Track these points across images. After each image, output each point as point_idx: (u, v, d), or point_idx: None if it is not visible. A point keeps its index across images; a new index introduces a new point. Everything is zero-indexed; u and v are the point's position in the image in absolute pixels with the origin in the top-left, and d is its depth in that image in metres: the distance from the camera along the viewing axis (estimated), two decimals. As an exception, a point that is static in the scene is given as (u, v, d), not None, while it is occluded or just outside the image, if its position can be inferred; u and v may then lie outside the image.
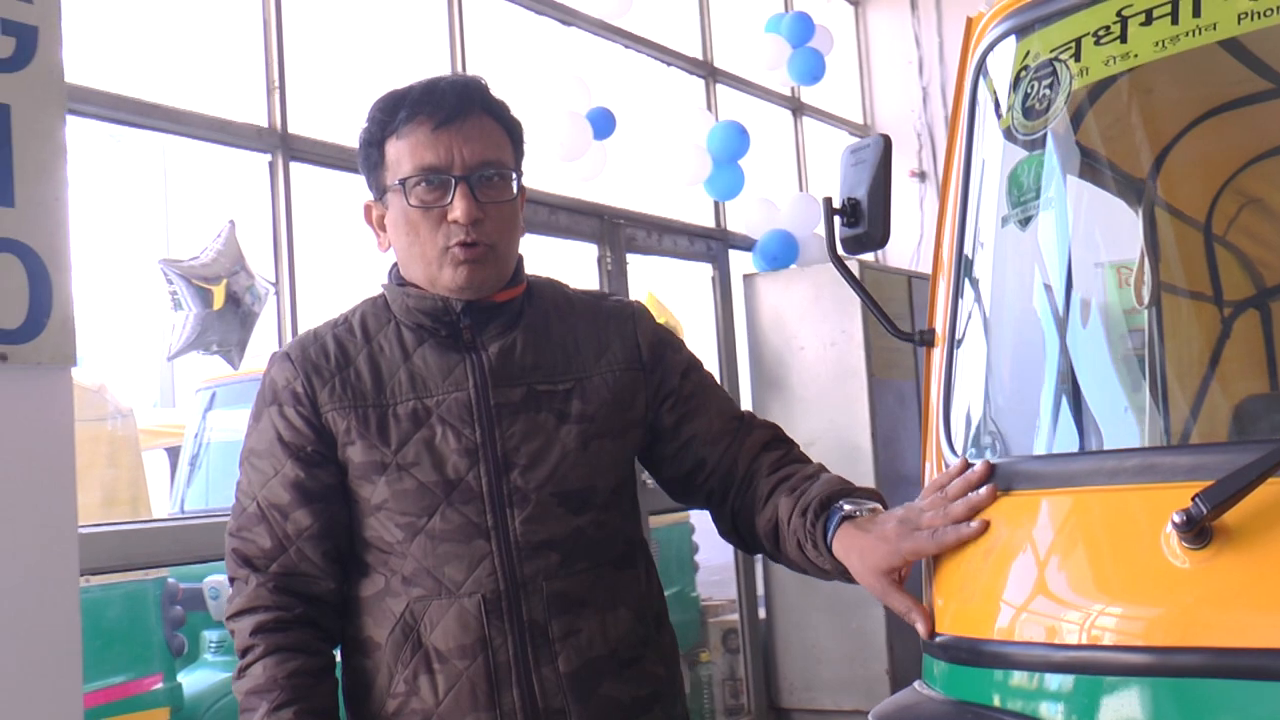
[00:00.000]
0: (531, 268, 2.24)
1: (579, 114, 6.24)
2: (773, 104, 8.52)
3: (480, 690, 1.93)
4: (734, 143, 7.07)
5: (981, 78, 2.34)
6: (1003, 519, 1.86)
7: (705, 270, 7.66)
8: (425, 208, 1.96)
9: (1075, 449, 2.24)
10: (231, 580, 2.04)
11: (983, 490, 1.84)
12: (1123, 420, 2.35)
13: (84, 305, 4.95)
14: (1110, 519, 1.80)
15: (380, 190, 2.02)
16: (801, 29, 7.85)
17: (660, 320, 5.39)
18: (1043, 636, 1.76)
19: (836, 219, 2.21)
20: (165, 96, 4.35)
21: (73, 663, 3.63)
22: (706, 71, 7.77)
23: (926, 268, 2.51)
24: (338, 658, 2.10)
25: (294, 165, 4.84)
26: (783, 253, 7.61)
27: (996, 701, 1.79)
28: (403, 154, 1.97)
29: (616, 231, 6.77)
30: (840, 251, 2.23)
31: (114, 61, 4.44)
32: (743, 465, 2.08)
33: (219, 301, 4.44)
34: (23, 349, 3.53)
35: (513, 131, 2.07)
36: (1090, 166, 2.43)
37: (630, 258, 6.90)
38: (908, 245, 8.92)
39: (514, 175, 2.03)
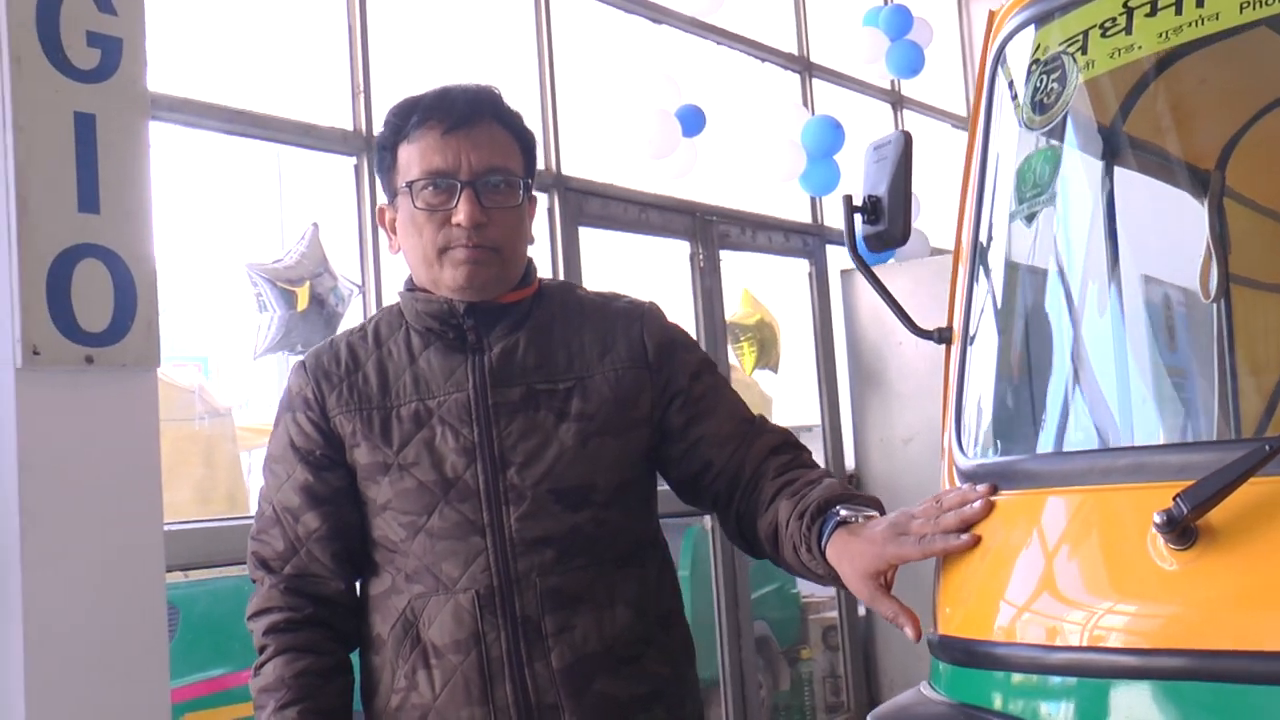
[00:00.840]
0: (623, 266, 2.30)
1: (668, 112, 6.27)
2: (871, 98, 8.46)
3: (474, 685, 1.98)
4: (829, 137, 7.04)
5: (1000, 70, 2.32)
6: (1000, 520, 1.85)
7: (802, 266, 7.63)
8: (430, 210, 2.01)
9: (1074, 448, 2.21)
10: (252, 581, 2.11)
11: (977, 504, 1.83)
12: (1123, 418, 2.31)
13: (180, 307, 5.11)
14: (1102, 519, 1.79)
15: (392, 193, 2.08)
16: (900, 22, 7.79)
17: (755, 318, 5.34)
18: (1035, 638, 1.75)
19: (858, 217, 2.20)
20: (251, 102, 4.46)
21: (160, 656, 3.76)
22: (802, 66, 7.75)
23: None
24: (355, 658, 2.15)
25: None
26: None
27: (993, 703, 1.78)
28: (412, 158, 2.03)
29: (709, 228, 6.78)
30: (861, 250, 2.23)
31: (201, 69, 4.56)
32: (749, 469, 2.08)
33: (303, 303, 4.54)
34: (108, 351, 3.65)
35: (524, 141, 2.11)
36: (1097, 160, 2.40)
37: (724, 254, 6.90)
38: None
39: (521, 182, 2.07)
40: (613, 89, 6.39)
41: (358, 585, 2.16)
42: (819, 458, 5.58)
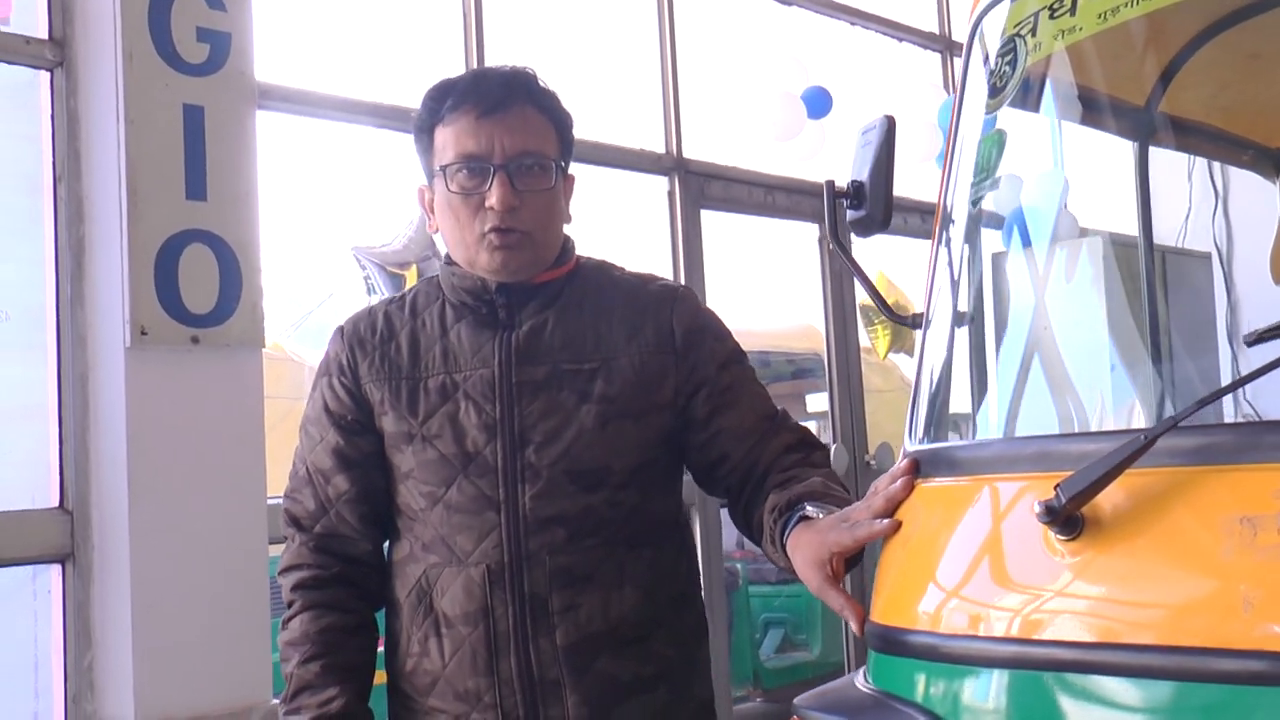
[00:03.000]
0: (746, 249, 2.36)
1: (794, 94, 6.29)
2: (1019, 75, 8.30)
3: (480, 656, 2.06)
4: (966, 117, 6.95)
5: (974, 49, 2.34)
6: (921, 506, 1.89)
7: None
8: (465, 194, 2.06)
9: (992, 436, 2.23)
10: (284, 538, 2.23)
11: (898, 483, 1.86)
12: (1039, 407, 2.32)
13: (289, 289, 5.34)
14: (1006, 508, 1.81)
15: (429, 174, 2.14)
16: (1046, -4, 7.64)
17: (890, 301, 5.37)
18: (935, 626, 1.78)
19: (841, 202, 2.24)
20: (361, 90, 4.65)
21: (262, 624, 3.98)
22: (943, 45, 7.67)
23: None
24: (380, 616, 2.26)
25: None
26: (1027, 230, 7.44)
27: (900, 688, 1.83)
28: (448, 141, 2.08)
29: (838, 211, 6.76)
30: (841, 235, 2.27)
31: (314, 58, 4.76)
32: (762, 465, 2.13)
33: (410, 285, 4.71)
34: (213, 332, 3.88)
35: (559, 123, 2.14)
36: (1042, 145, 2.40)
37: (855, 238, 6.88)
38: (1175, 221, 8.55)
39: (555, 164, 2.10)
40: (736, 71, 6.44)
41: (385, 547, 2.25)
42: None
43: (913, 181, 7.11)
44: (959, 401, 2.30)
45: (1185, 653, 1.51)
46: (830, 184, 2.29)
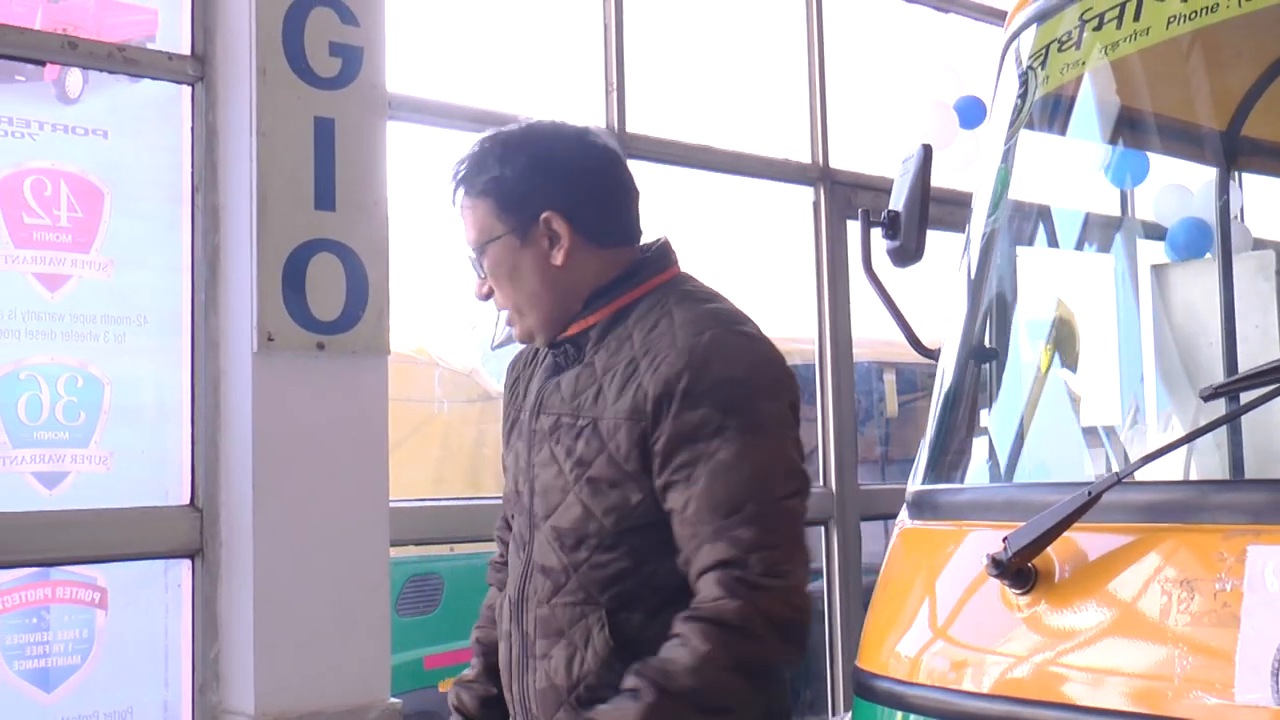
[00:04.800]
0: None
1: (946, 103, 6.22)
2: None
3: (506, 672, 2.17)
4: (1134, 126, 6.78)
5: (1005, 70, 2.31)
6: (903, 549, 1.87)
7: (1106, 262, 7.37)
8: None
9: (975, 483, 2.18)
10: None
11: None
12: (1024, 454, 2.26)
13: (424, 295, 5.47)
14: (973, 556, 1.78)
15: None
16: None
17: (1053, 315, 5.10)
18: (900, 673, 1.77)
19: (875, 230, 2.24)
20: (495, 102, 4.76)
21: (381, 624, 4.11)
22: (1113, 50, 7.47)
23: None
24: None
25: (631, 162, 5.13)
26: (1194, 242, 7.21)
27: None
28: None
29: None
30: (876, 264, 2.26)
31: (450, 69, 4.88)
32: (693, 573, 1.94)
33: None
34: (339, 339, 4.03)
35: (496, 192, 2.07)
36: (1043, 180, 2.34)
37: (1032, 252, 6.76)
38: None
39: (491, 241, 2.08)
40: (886, 79, 6.40)
41: None
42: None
43: (1078, 193, 6.95)
44: (941, 443, 2.27)
45: (1114, 716, 1.49)
46: (865, 213, 2.29)
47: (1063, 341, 2.54)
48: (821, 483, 5.90)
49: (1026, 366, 2.43)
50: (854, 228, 6.04)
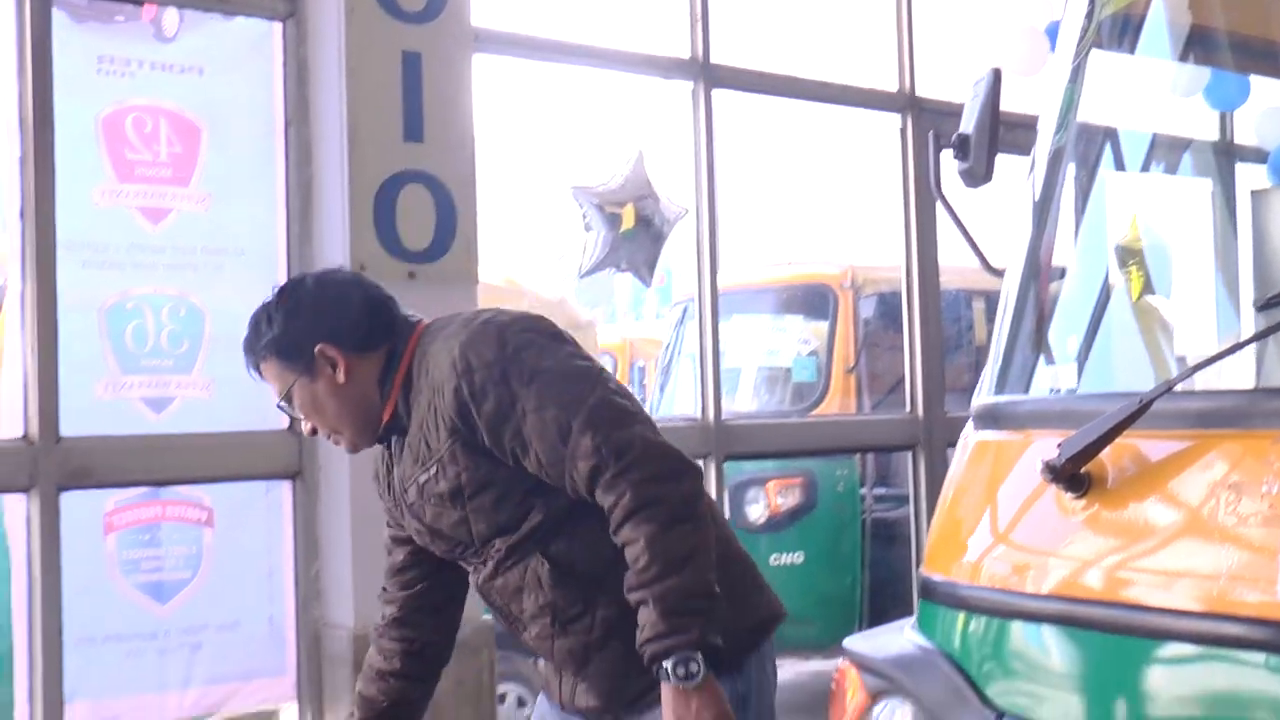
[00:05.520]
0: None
1: (1037, 29, 6.18)
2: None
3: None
4: (1231, 47, 6.69)
5: None
6: (971, 460, 1.94)
7: (1204, 186, 7.29)
8: None
9: (1038, 394, 2.23)
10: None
11: None
12: (1085, 364, 2.30)
13: (512, 226, 5.59)
14: (1035, 463, 1.85)
15: None
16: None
17: (1142, 242, 5.09)
18: (958, 575, 1.84)
19: (946, 152, 2.29)
20: (578, 34, 4.86)
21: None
22: (1210, -30, 7.36)
23: None
24: None
25: (716, 93, 5.21)
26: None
27: (932, 633, 1.90)
28: None
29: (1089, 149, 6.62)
30: (945, 186, 2.32)
31: (543, 3, 4.99)
32: (585, 491, 2.29)
33: (628, 223, 4.91)
34: (429, 268, 4.19)
35: (278, 349, 2.44)
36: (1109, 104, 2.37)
37: (1109, 174, 6.72)
38: None
39: (290, 389, 2.45)
40: (975, 5, 6.37)
41: None
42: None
43: (1172, 117, 6.88)
44: (1009, 356, 2.33)
45: (1161, 613, 1.56)
46: (935, 136, 2.35)
47: (1126, 258, 2.59)
48: (909, 409, 5.96)
49: (1090, 284, 2.49)
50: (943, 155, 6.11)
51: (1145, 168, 2.87)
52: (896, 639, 2.06)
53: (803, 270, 7.76)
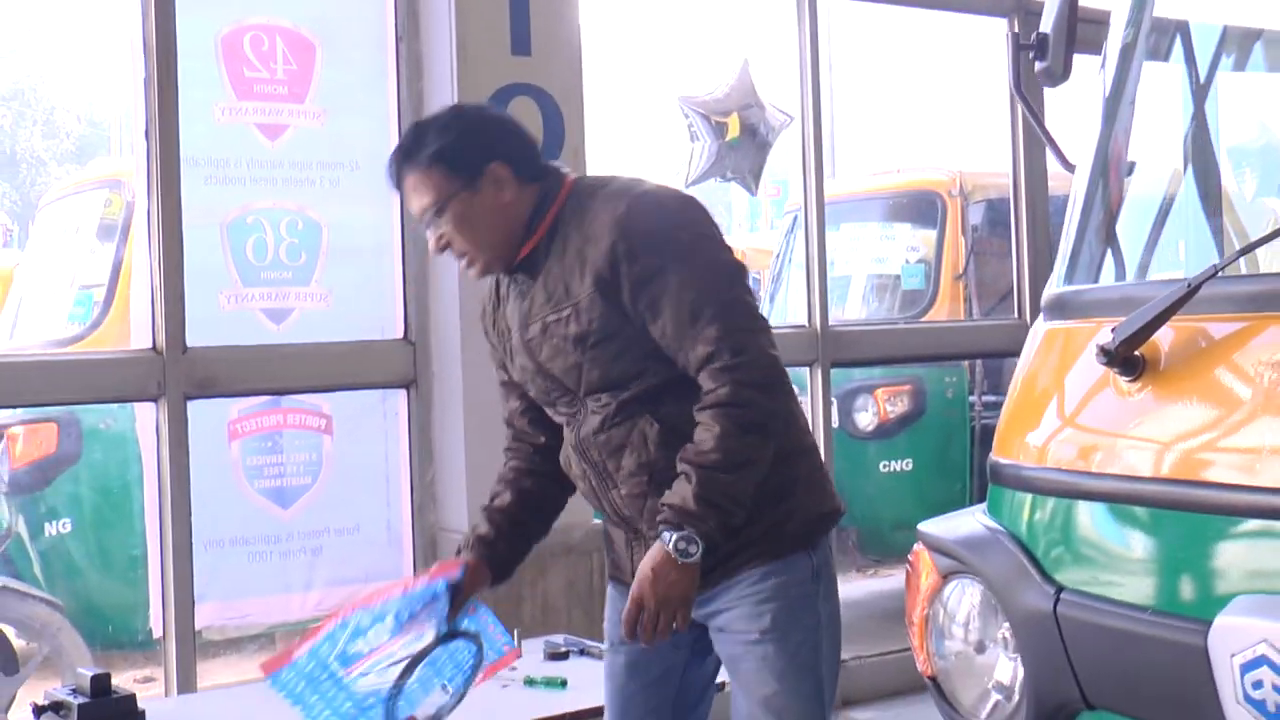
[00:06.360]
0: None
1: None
2: None
3: (592, 500, 2.65)
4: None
5: None
6: (1042, 349, 2.00)
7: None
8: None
9: (1103, 283, 2.26)
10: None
11: None
12: (1146, 255, 2.31)
13: (618, 137, 5.64)
14: (1088, 350, 1.89)
15: None
16: None
17: (1259, 143, 5.14)
18: (1020, 458, 1.91)
19: (1023, 52, 2.32)
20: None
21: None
22: None
23: None
24: None
25: (822, 1, 5.21)
26: None
27: (999, 514, 1.97)
28: None
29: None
30: (1026, 86, 2.34)
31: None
32: (692, 371, 2.44)
33: (733, 132, 4.96)
34: (537, 181, 4.23)
35: (441, 158, 2.50)
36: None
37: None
38: None
39: (447, 200, 2.50)
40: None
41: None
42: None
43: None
44: (1078, 249, 2.36)
45: (1214, 488, 1.62)
46: (1015, 36, 2.38)
47: (1189, 150, 2.60)
48: (1016, 315, 5.96)
49: (1147, 179, 2.52)
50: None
51: (1214, 64, 2.86)
52: (967, 522, 2.16)
53: (911, 177, 7.73)
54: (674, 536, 2.32)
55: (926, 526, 2.25)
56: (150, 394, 3.94)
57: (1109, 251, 2.46)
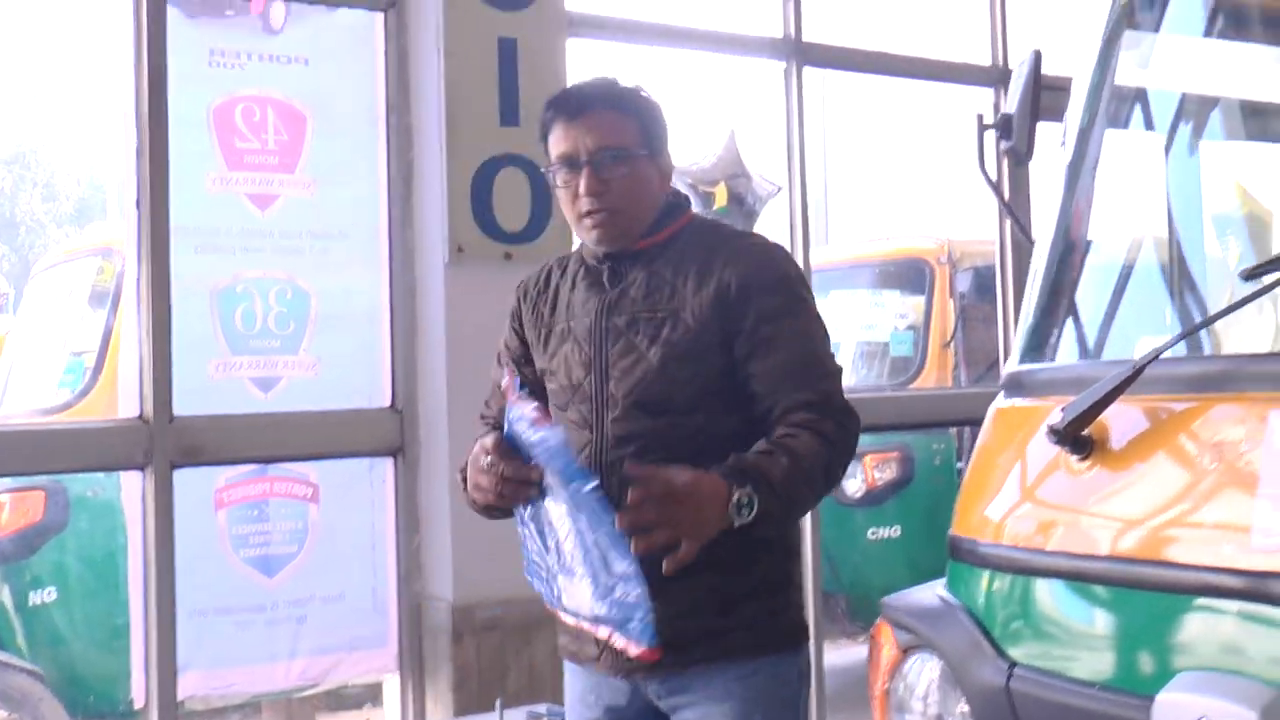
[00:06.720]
0: None
1: None
2: None
3: None
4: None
5: None
6: (998, 425, 2.03)
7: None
8: (565, 186, 2.54)
9: (1051, 363, 2.30)
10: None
11: None
12: (1097, 334, 2.35)
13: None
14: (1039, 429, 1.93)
15: (548, 173, 2.63)
16: None
17: (1245, 210, 5.19)
18: (976, 534, 1.94)
19: (988, 132, 2.36)
20: (669, 15, 4.95)
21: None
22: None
23: None
24: None
25: (808, 70, 5.28)
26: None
27: (957, 590, 1.99)
28: (551, 145, 2.57)
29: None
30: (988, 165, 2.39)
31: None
32: (777, 410, 2.41)
33: (720, 202, 5.01)
34: (525, 249, 4.34)
35: (642, 117, 2.52)
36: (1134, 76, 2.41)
37: (1206, 144, 6.68)
38: None
39: (633, 153, 2.49)
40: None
41: None
42: None
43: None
44: (1029, 325, 2.40)
45: (1158, 566, 1.65)
46: (980, 117, 2.43)
47: (1142, 229, 2.66)
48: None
49: (1107, 253, 2.57)
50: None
51: (1173, 132, 2.92)
52: (928, 596, 2.20)
53: (900, 245, 7.82)
54: (739, 494, 2.21)
55: (890, 600, 2.29)
56: (136, 463, 3.95)
57: (1066, 328, 2.50)
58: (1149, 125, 2.84)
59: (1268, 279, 1.94)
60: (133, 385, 4.01)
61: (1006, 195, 5.93)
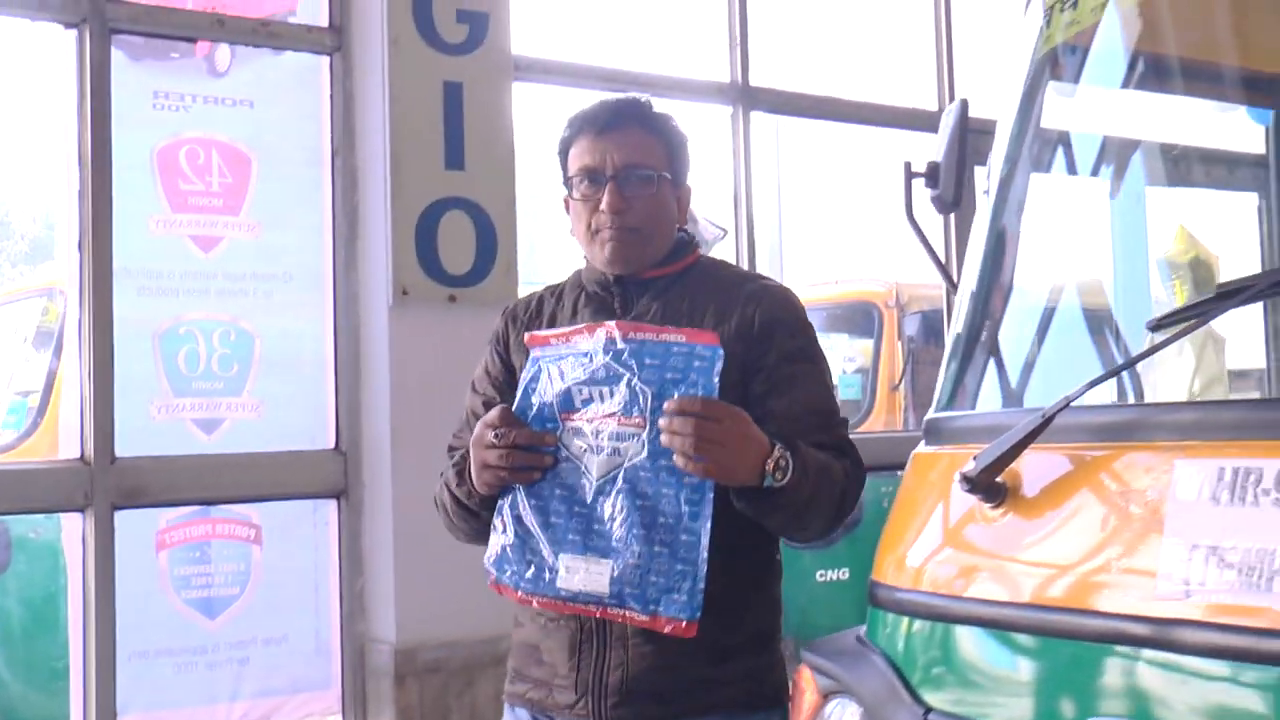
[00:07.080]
0: None
1: (1078, 45, 6.27)
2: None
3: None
4: None
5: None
6: (908, 472, 2.07)
7: (1250, 200, 7.34)
8: (585, 199, 2.47)
9: (967, 410, 2.35)
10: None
11: None
12: (1008, 382, 2.41)
13: (552, 250, 5.72)
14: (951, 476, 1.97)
15: (567, 187, 2.56)
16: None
17: (1190, 255, 5.19)
18: (892, 580, 1.98)
19: (916, 181, 2.41)
20: (620, 60, 5.01)
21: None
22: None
23: None
24: None
25: (755, 115, 5.35)
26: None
27: (875, 636, 2.03)
28: (574, 158, 2.50)
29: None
30: (915, 212, 2.44)
31: (583, 30, 5.14)
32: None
33: (666, 246, 5.03)
34: (470, 292, 4.36)
35: (669, 141, 2.47)
36: (1045, 137, 2.48)
37: (1152, 190, 6.78)
38: None
39: (658, 175, 2.44)
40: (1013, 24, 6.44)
41: None
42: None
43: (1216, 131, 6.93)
44: (949, 371, 2.45)
45: (1068, 613, 1.69)
46: (907, 165, 2.47)
47: (1064, 276, 2.71)
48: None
49: (1029, 300, 2.62)
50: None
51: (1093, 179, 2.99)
52: (848, 642, 2.22)
53: (848, 288, 7.87)
54: (778, 453, 2.16)
55: (812, 645, 2.32)
56: (77, 504, 3.95)
57: (988, 375, 2.54)
58: (1071, 171, 2.90)
59: (1173, 329, 1.99)
60: (74, 427, 4.01)
61: (944, 241, 6.05)
